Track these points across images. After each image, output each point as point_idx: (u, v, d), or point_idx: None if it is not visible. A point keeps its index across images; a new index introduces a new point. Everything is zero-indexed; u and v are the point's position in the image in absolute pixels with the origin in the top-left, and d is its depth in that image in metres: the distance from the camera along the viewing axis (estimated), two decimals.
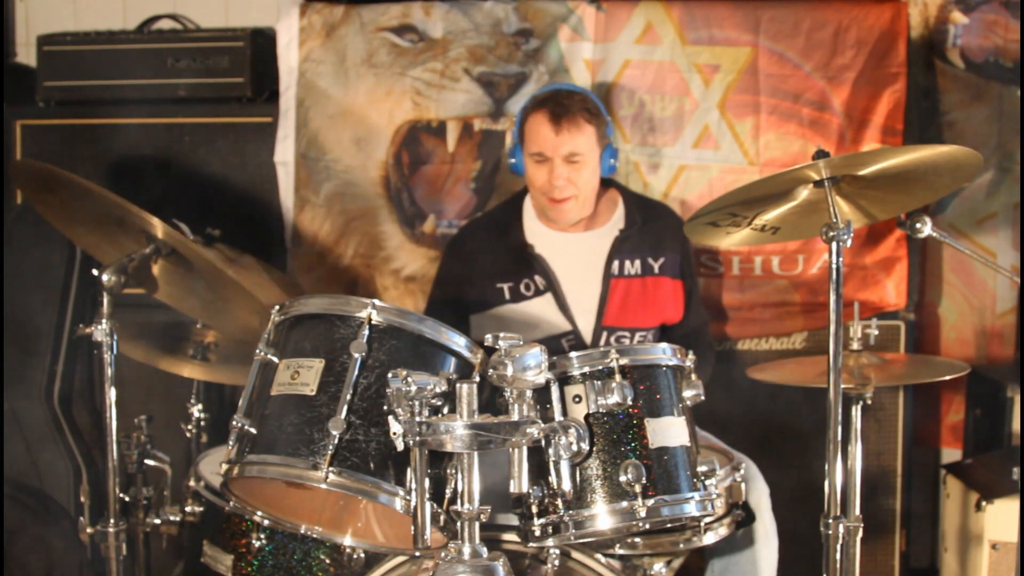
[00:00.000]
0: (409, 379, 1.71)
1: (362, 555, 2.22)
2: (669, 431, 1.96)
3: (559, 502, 1.92)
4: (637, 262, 2.83)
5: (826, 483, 2.07)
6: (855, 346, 2.44)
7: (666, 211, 3.00)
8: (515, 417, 1.72)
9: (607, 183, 2.93)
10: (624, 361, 1.95)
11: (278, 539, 2.28)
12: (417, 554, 2.11)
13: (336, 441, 1.82)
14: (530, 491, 1.91)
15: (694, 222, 2.27)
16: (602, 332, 2.78)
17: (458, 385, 1.70)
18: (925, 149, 2.06)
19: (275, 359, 1.95)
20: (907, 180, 2.15)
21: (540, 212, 2.84)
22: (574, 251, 2.84)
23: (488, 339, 1.77)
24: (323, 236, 3.42)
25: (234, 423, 1.92)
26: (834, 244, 2.04)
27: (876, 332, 2.46)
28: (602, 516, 1.91)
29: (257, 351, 1.97)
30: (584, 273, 2.82)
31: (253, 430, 1.91)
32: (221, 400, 3.17)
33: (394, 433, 1.77)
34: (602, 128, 2.76)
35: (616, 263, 2.82)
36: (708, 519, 2.16)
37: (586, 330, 2.79)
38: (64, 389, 3.23)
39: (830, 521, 2.09)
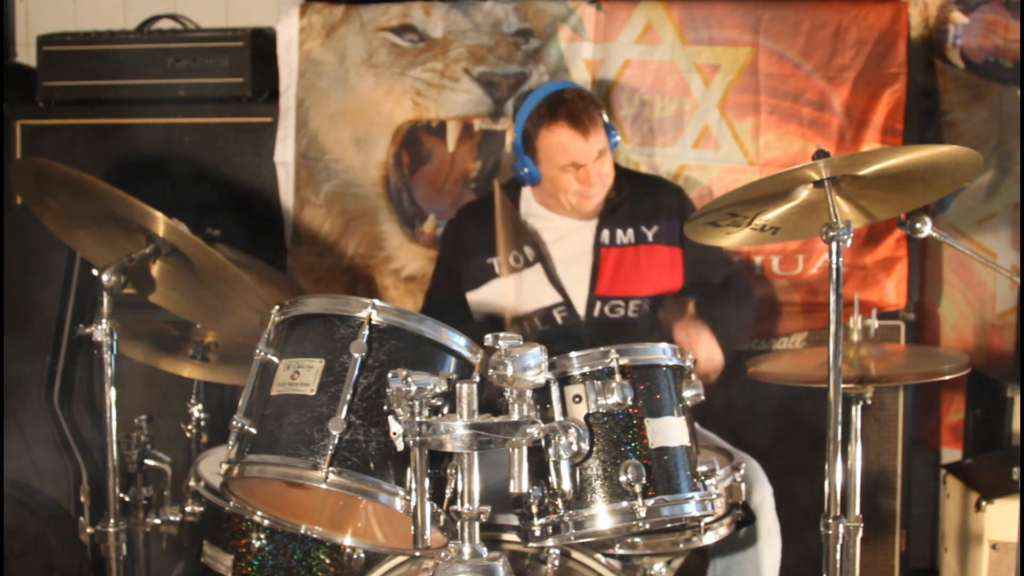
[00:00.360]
0: (409, 379, 1.71)
1: (362, 555, 2.22)
2: (669, 431, 1.96)
3: (559, 502, 1.92)
4: (630, 231, 2.84)
5: (826, 483, 2.07)
6: (855, 337, 2.44)
7: (660, 181, 3.02)
8: (515, 417, 1.72)
9: None
10: (624, 361, 1.95)
11: (278, 539, 2.28)
12: (417, 554, 2.11)
13: (336, 441, 1.82)
14: (530, 491, 1.91)
15: (694, 222, 2.28)
16: (595, 302, 2.79)
17: (458, 385, 1.70)
18: (925, 149, 2.06)
19: (275, 359, 1.95)
20: (907, 180, 2.15)
21: (567, 208, 2.83)
22: (565, 224, 2.86)
23: (488, 339, 1.77)
24: (323, 236, 3.42)
25: (234, 423, 1.92)
26: (834, 244, 2.04)
27: (876, 324, 2.46)
28: (602, 516, 1.91)
29: (257, 351, 1.97)
30: (575, 244, 2.84)
31: (253, 430, 1.91)
32: (221, 400, 3.17)
33: (394, 433, 1.76)
34: (603, 112, 2.79)
35: (606, 232, 2.83)
36: (708, 519, 2.15)
37: (579, 301, 2.80)
38: (64, 389, 3.23)
39: (830, 521, 2.09)
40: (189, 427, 2.93)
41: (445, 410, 1.78)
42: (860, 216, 2.30)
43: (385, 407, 1.80)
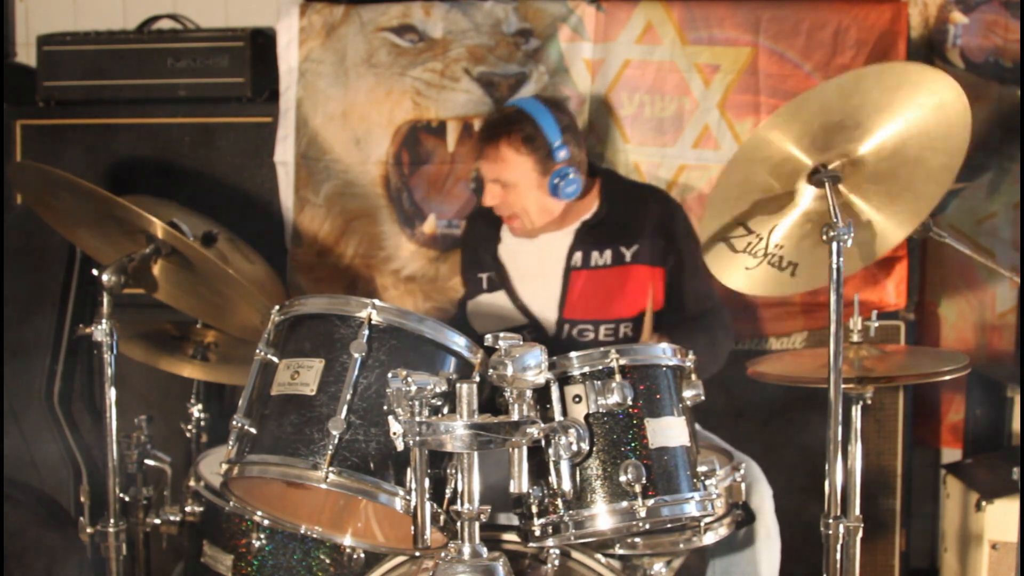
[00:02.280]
0: (409, 379, 1.71)
1: (362, 555, 2.22)
2: (669, 431, 1.96)
3: (559, 502, 1.92)
4: (608, 252, 2.79)
5: (826, 483, 2.07)
6: (855, 338, 2.44)
7: (653, 195, 2.92)
8: (515, 417, 1.72)
9: (594, 173, 2.89)
10: (624, 361, 1.95)
11: (278, 539, 2.28)
12: (417, 554, 2.11)
13: (336, 441, 1.82)
14: (530, 491, 1.91)
15: (711, 248, 2.26)
16: (563, 325, 2.78)
17: (458, 385, 1.70)
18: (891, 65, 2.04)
19: (275, 359, 1.95)
20: (905, 166, 2.13)
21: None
22: (541, 246, 2.84)
23: (488, 339, 1.77)
24: (323, 236, 3.42)
25: (234, 423, 1.92)
26: (834, 244, 2.04)
27: (876, 324, 2.45)
28: (602, 516, 1.91)
29: (257, 351, 1.97)
30: (547, 267, 2.82)
31: (253, 430, 1.91)
32: (221, 400, 3.17)
33: (394, 433, 1.77)
34: (542, 155, 2.68)
35: (579, 255, 2.80)
36: (708, 519, 2.15)
37: (548, 323, 2.79)
38: (64, 389, 3.23)
39: (830, 521, 2.09)
40: (189, 427, 2.93)
41: (445, 410, 1.78)
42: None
43: (385, 407, 1.80)
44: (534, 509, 1.94)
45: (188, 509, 2.44)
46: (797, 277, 2.31)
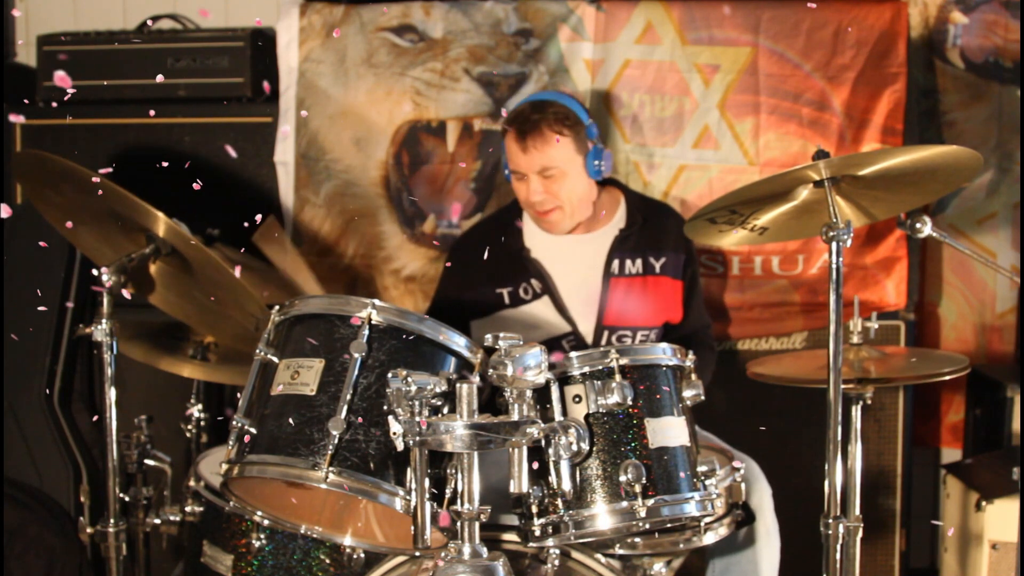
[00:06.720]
0: (409, 379, 1.71)
1: (362, 555, 2.22)
2: (669, 431, 1.96)
3: (559, 502, 1.92)
4: (639, 261, 2.82)
5: (826, 483, 2.07)
6: (855, 339, 2.44)
7: (669, 211, 2.98)
8: (515, 417, 1.72)
9: (609, 182, 2.93)
10: (624, 361, 1.96)
11: (278, 539, 2.28)
12: (417, 554, 2.11)
13: (336, 441, 1.82)
14: (530, 491, 1.91)
15: (692, 223, 2.28)
16: (603, 332, 2.78)
17: (458, 385, 1.70)
18: (925, 149, 2.06)
19: (275, 359, 1.95)
20: (907, 180, 2.15)
21: (534, 220, 2.84)
22: (573, 253, 2.83)
23: (488, 339, 1.77)
24: (323, 236, 3.42)
25: (234, 423, 1.92)
26: (834, 244, 2.04)
27: (876, 326, 2.46)
28: (602, 516, 1.91)
29: (257, 351, 1.97)
30: (584, 274, 2.81)
31: (253, 430, 1.91)
32: (221, 400, 3.17)
33: (394, 433, 1.77)
34: (580, 134, 2.69)
35: (616, 262, 2.81)
36: (708, 519, 2.16)
37: (587, 330, 2.78)
38: (64, 389, 3.23)
39: (830, 521, 2.09)
40: (189, 427, 2.93)
41: (445, 410, 1.78)
42: (860, 216, 2.30)
43: (385, 407, 1.80)
44: (534, 509, 1.94)
45: (188, 509, 2.44)
46: (779, 236, 2.36)
